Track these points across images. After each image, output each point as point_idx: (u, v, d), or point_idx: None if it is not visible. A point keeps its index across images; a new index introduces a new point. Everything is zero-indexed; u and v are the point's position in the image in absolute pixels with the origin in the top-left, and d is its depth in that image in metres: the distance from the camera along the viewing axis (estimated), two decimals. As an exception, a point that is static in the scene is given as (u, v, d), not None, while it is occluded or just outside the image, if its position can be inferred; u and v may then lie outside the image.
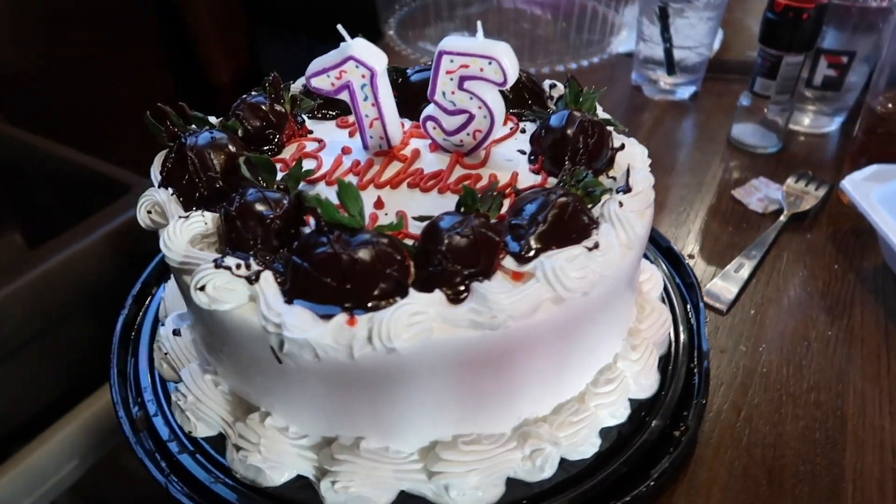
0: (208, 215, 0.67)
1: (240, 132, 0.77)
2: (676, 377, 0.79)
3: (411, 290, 0.58)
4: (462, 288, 0.60)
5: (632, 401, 0.75)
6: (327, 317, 0.58)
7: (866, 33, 1.20)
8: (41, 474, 1.36)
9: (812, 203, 1.09)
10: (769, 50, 1.16)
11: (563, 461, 0.70)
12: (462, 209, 0.65)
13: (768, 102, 1.21)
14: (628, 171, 0.73)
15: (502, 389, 0.66)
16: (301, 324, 0.57)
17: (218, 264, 0.60)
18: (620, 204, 0.68)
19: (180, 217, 0.66)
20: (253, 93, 0.83)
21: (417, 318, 0.57)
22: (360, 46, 0.70)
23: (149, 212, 0.70)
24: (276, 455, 0.67)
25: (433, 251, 0.60)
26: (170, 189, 0.70)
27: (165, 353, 0.77)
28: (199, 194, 0.69)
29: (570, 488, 0.68)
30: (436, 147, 0.79)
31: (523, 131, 0.84)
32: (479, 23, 0.71)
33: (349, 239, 0.59)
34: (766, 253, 1.01)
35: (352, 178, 0.75)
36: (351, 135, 0.83)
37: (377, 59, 0.71)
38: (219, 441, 0.72)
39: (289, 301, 0.59)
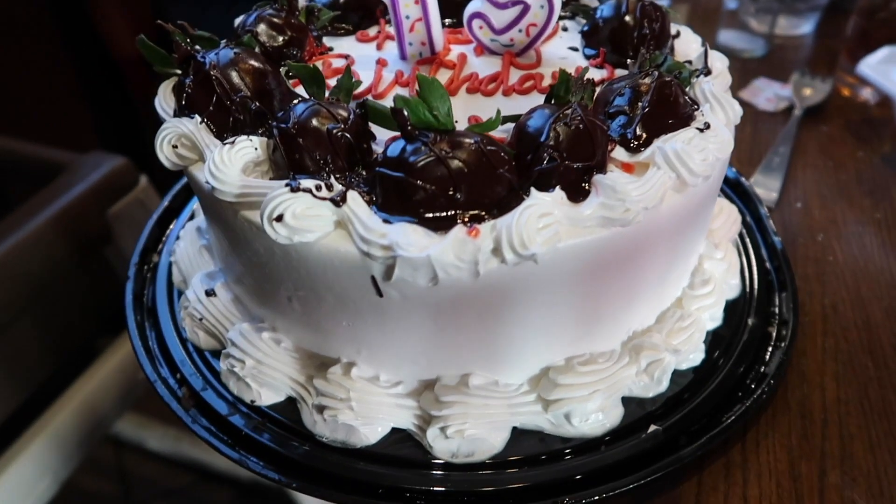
0: (255, 139, 0.56)
1: (256, 50, 0.65)
2: (752, 275, 0.75)
3: (533, 191, 0.50)
4: (582, 184, 0.52)
5: (723, 302, 0.71)
6: (442, 230, 0.49)
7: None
8: (14, 498, 1.19)
9: (823, 96, 1.07)
10: (758, -55, 1.12)
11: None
12: (553, 101, 0.57)
13: (757, 3, 1.18)
14: (706, 52, 0.66)
15: (619, 298, 0.59)
16: (416, 241, 0.48)
17: (294, 188, 0.50)
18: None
19: (225, 144, 0.55)
20: (255, 9, 0.71)
21: (546, 219, 0.49)
22: (403, -72, 0.60)
23: (174, 146, 0.58)
24: (369, 409, 0.58)
25: (540, 147, 0.52)
26: (196, 117, 0.58)
27: (200, 319, 0.66)
28: (234, 119, 0.58)
29: (689, 399, 0.63)
30: (482, 50, 0.71)
31: (565, 29, 0.76)
32: None
33: (451, 141, 0.50)
34: (793, 148, 0.98)
35: (401, 91, 0.65)
36: (379, 47, 0.72)
37: (424, -58, 0.61)
38: (286, 407, 0.62)
39: (387, 220, 0.50)
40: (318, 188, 0.50)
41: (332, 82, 0.63)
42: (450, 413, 0.57)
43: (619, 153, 0.56)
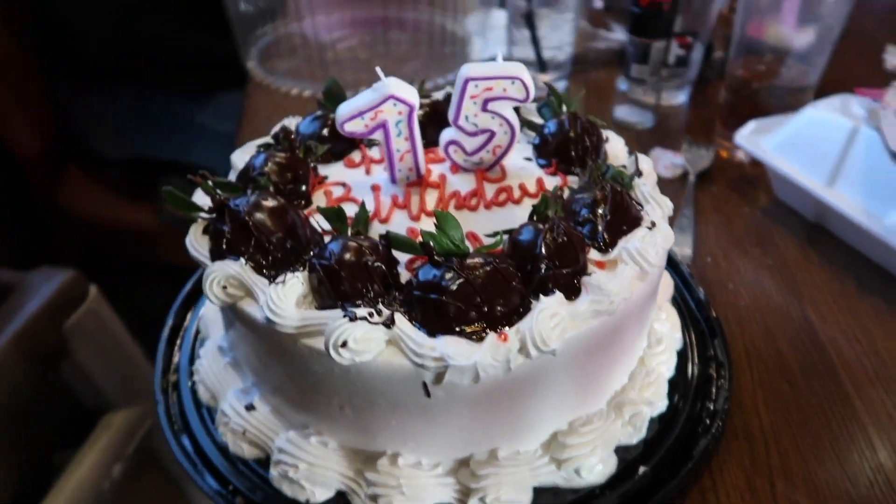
0: (299, 275, 0.66)
1: (270, 189, 0.75)
2: (689, 327, 0.92)
3: (542, 297, 0.63)
4: (573, 285, 0.66)
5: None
6: (477, 338, 0.61)
7: (700, 17, 1.44)
8: None
9: (709, 162, 1.29)
10: (640, 39, 1.34)
11: (644, 420, 0.79)
12: (535, 217, 0.71)
13: (644, 85, 1.40)
14: (636, 158, 0.83)
15: (605, 367, 0.73)
16: (462, 351, 0.59)
17: (352, 317, 0.60)
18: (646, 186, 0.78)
19: (276, 283, 0.64)
20: (260, 149, 0.81)
21: (555, 319, 0.62)
22: (396, 85, 0.73)
23: (224, 287, 0.67)
24: (417, 491, 0.68)
25: (537, 258, 0.66)
26: (241, 259, 0.67)
27: (244, 432, 0.73)
28: (273, 258, 0.68)
29: (663, 441, 0.77)
30: (457, 168, 0.84)
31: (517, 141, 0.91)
32: (498, 51, 0.77)
33: (471, 264, 0.63)
34: (694, 209, 1.18)
35: (401, 213, 0.77)
36: (367, 172, 0.84)
37: (412, 94, 0.74)
38: (337, 500, 0.71)
39: (431, 335, 0.61)
40: (371, 315, 0.61)
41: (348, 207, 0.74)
42: (486, 484, 0.68)
43: (592, 254, 0.70)
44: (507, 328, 0.62)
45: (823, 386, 0.87)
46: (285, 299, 0.63)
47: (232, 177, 0.83)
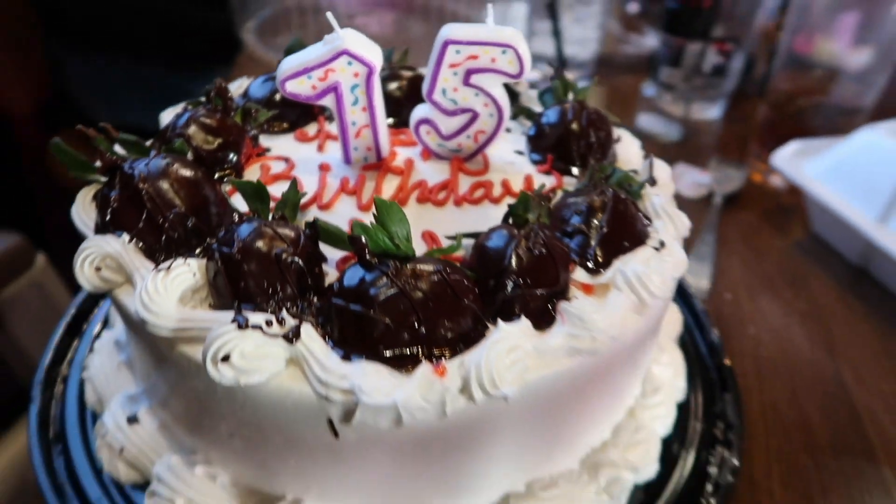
0: (193, 263, 0.51)
1: (189, 155, 0.60)
2: (695, 374, 0.76)
3: (501, 323, 0.48)
4: (547, 311, 0.51)
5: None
6: (405, 369, 0.46)
7: (743, 23, 1.27)
8: None
9: (739, 184, 1.13)
10: (673, 38, 1.18)
11: (627, 487, 0.63)
12: (511, 220, 0.56)
13: (673, 91, 1.24)
14: (650, 162, 0.67)
15: (580, 420, 0.57)
16: (380, 385, 0.44)
17: (242, 324, 0.45)
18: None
19: (159, 270, 0.49)
20: (188, 108, 0.67)
21: (515, 354, 0.47)
22: (353, 39, 0.58)
23: (98, 269, 0.52)
24: (320, 554, 0.53)
25: (504, 272, 0.50)
26: (124, 235, 0.52)
27: (121, 450, 0.59)
28: (167, 237, 0.53)
29: (648, 516, 0.61)
30: (428, 155, 0.69)
31: (508, 130, 0.76)
32: (489, 6, 0.62)
33: (413, 271, 0.47)
34: (717, 236, 1.02)
35: (348, 201, 0.62)
36: (320, 149, 0.69)
37: (373, 52, 0.59)
38: (222, 551, 0.56)
39: (346, 357, 0.46)
40: (269, 323, 0.46)
41: (273, 189, 0.60)
42: (408, 555, 0.53)
43: (578, 274, 0.55)
44: (447, 359, 0.46)
45: (856, 467, 0.71)
46: (165, 293, 0.48)
47: (159, 138, 0.69)
